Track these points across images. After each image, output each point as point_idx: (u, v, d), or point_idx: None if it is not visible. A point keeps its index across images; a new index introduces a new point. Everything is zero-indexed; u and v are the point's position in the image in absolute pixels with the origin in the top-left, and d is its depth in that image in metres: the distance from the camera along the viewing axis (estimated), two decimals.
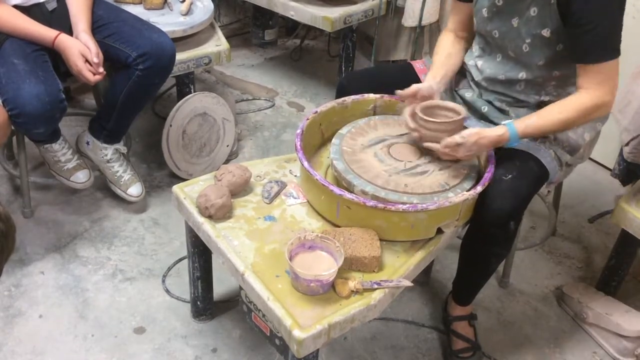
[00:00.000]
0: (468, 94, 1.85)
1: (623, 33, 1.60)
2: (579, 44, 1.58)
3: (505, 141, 1.62)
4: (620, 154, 2.33)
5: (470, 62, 1.86)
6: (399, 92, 1.73)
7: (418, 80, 1.91)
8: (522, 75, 1.73)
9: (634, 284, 2.22)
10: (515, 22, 1.66)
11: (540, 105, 1.73)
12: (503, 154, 1.69)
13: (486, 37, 1.78)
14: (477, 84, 1.84)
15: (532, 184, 1.66)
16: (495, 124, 1.76)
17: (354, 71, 2.63)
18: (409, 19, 2.85)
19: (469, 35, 1.89)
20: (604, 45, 1.57)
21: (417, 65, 1.97)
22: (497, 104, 1.80)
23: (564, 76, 1.71)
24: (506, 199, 1.59)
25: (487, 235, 1.67)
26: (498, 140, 1.61)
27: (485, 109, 1.80)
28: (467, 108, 1.85)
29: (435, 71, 1.80)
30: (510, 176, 1.62)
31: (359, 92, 1.87)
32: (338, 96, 1.92)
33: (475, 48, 1.86)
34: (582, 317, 2.02)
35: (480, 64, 1.82)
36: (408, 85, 1.91)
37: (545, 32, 1.62)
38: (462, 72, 1.91)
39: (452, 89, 1.89)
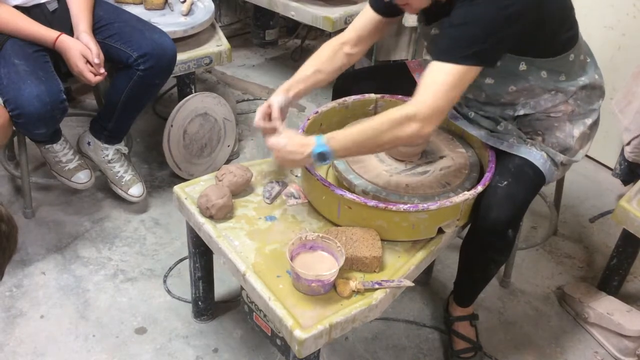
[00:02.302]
0: None
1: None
2: (436, 41, 1.50)
3: (312, 146, 1.46)
4: (621, 153, 2.34)
5: None
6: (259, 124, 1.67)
7: (412, 79, 1.90)
8: (483, 95, 1.71)
9: (635, 283, 2.22)
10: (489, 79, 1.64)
11: (517, 118, 1.71)
12: (497, 159, 1.67)
13: None
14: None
15: (529, 190, 1.64)
16: (481, 126, 1.74)
17: (349, 71, 2.63)
18: (410, 19, 2.85)
19: (359, 53, 1.79)
20: (454, 45, 1.44)
21: (412, 64, 1.97)
22: (481, 112, 1.77)
23: (523, 90, 1.66)
24: (503, 208, 1.57)
25: (485, 243, 1.66)
26: (306, 142, 1.48)
27: (471, 114, 1.78)
28: (456, 111, 1.83)
29: (291, 84, 1.70)
30: (505, 183, 1.59)
31: (354, 93, 1.87)
32: (334, 96, 1.92)
33: None
34: (584, 316, 2.02)
35: None
36: (402, 84, 1.90)
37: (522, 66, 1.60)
38: None
39: None
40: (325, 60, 1.77)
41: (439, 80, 1.43)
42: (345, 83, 1.95)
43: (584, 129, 1.74)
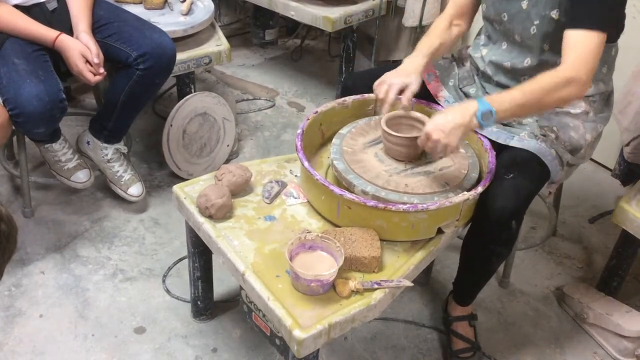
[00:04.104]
0: (472, 90, 1.85)
1: (623, 33, 1.60)
2: (571, 10, 1.57)
3: (474, 107, 1.53)
4: (621, 154, 2.33)
5: (476, 55, 1.86)
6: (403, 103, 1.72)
7: (422, 81, 1.91)
8: (527, 61, 1.72)
9: (635, 284, 2.22)
10: (525, 3, 1.67)
11: None
12: (504, 153, 1.68)
13: (494, 23, 1.78)
14: (482, 74, 1.84)
15: (534, 183, 1.66)
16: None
17: (359, 71, 2.61)
18: (410, 19, 2.85)
19: (464, 25, 1.89)
20: (593, 13, 1.55)
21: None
22: None
23: None
24: (508, 198, 1.59)
25: (488, 235, 1.66)
26: (465, 107, 1.55)
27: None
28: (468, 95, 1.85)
29: (424, 54, 1.77)
30: (511, 175, 1.61)
31: (363, 93, 1.87)
32: (342, 96, 1.92)
33: (482, 37, 1.86)
34: (583, 317, 2.02)
35: (485, 52, 1.82)
36: None
37: (554, 14, 1.62)
38: (466, 69, 1.90)
39: (455, 87, 1.89)
40: (445, 31, 1.85)
41: (590, 46, 1.54)
42: (355, 83, 1.95)
43: (595, 134, 1.79)
